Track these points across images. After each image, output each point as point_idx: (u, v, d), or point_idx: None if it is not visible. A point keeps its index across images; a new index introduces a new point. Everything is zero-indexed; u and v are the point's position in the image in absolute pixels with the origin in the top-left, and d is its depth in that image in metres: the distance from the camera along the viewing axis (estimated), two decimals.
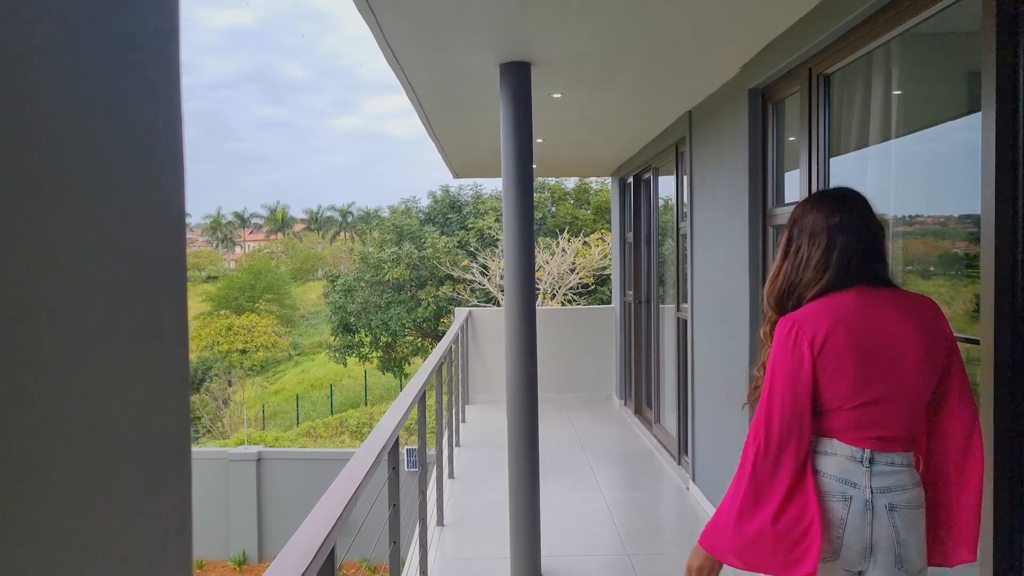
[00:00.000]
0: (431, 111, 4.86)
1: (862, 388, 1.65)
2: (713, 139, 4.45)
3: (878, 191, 2.92)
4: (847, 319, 1.66)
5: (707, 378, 4.72)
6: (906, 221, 2.84)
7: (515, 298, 3.71)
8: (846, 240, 1.71)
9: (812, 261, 1.73)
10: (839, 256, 1.71)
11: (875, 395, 1.65)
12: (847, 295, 1.70)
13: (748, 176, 3.81)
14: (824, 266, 1.72)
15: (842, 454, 1.66)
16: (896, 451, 1.66)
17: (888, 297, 1.71)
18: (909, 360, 1.66)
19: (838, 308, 1.68)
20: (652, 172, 6.58)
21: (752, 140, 3.80)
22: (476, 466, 5.98)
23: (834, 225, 1.73)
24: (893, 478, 1.65)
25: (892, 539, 1.63)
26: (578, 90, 4.36)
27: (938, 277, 2.75)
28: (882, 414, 1.65)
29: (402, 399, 2.98)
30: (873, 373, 1.65)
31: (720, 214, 4.35)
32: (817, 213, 1.76)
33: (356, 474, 1.97)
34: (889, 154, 2.84)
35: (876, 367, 1.65)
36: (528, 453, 3.77)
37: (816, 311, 1.68)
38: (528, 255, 3.74)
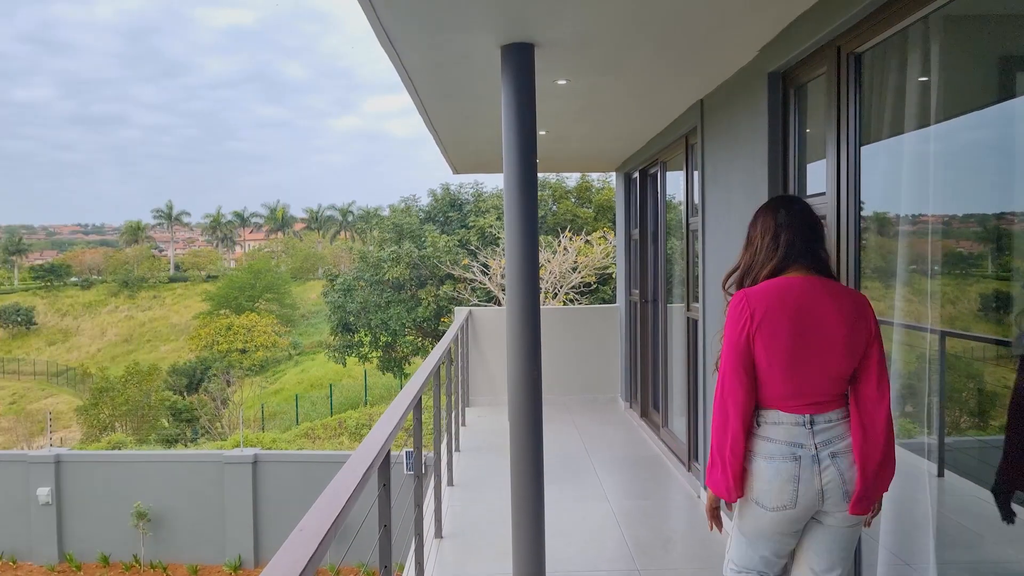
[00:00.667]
0: (428, 100, 4.61)
1: (795, 361, 2.06)
2: (727, 129, 4.20)
3: (914, 183, 2.67)
4: (789, 301, 2.08)
5: None
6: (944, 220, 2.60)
7: (518, 297, 3.47)
8: (790, 230, 2.17)
9: (764, 247, 2.20)
10: (784, 240, 2.16)
11: (806, 369, 2.06)
12: (794, 281, 2.12)
13: (767, 167, 3.56)
14: (773, 249, 2.18)
15: (788, 422, 2.08)
16: (831, 410, 2.09)
17: (824, 287, 2.12)
18: (835, 344, 2.06)
19: (783, 291, 2.10)
20: (659, 166, 6.34)
21: (772, 128, 3.55)
22: (476, 472, 5.73)
23: (780, 220, 2.19)
24: (832, 432, 2.08)
25: (838, 480, 2.06)
26: (583, 76, 4.11)
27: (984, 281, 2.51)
28: (813, 385, 2.07)
29: (396, 406, 2.73)
30: (805, 351, 2.06)
31: (735, 208, 4.10)
32: (768, 214, 2.25)
33: (337, 498, 1.72)
34: (928, 142, 2.59)
35: (808, 346, 2.06)
36: (532, 460, 3.53)
37: (764, 289, 2.12)
38: (531, 252, 3.50)
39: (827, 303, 2.08)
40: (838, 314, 2.07)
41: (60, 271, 59.57)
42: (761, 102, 3.62)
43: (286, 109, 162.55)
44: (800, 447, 2.05)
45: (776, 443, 2.07)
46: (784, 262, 2.15)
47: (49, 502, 11.84)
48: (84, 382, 34.69)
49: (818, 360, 2.06)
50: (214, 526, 11.71)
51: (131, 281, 56.13)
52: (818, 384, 2.07)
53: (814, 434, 2.06)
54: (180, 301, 54.41)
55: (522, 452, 3.51)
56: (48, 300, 56.12)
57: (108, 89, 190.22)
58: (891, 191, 2.83)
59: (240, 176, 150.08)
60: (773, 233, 2.18)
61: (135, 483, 11.80)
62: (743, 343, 2.08)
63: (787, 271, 2.14)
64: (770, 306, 2.07)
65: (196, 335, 36.72)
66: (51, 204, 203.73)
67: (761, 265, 2.18)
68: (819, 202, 3.15)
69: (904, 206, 2.81)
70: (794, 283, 2.11)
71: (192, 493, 11.71)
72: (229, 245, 73.12)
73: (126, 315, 54.18)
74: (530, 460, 3.51)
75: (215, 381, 26.16)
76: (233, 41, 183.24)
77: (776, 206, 2.25)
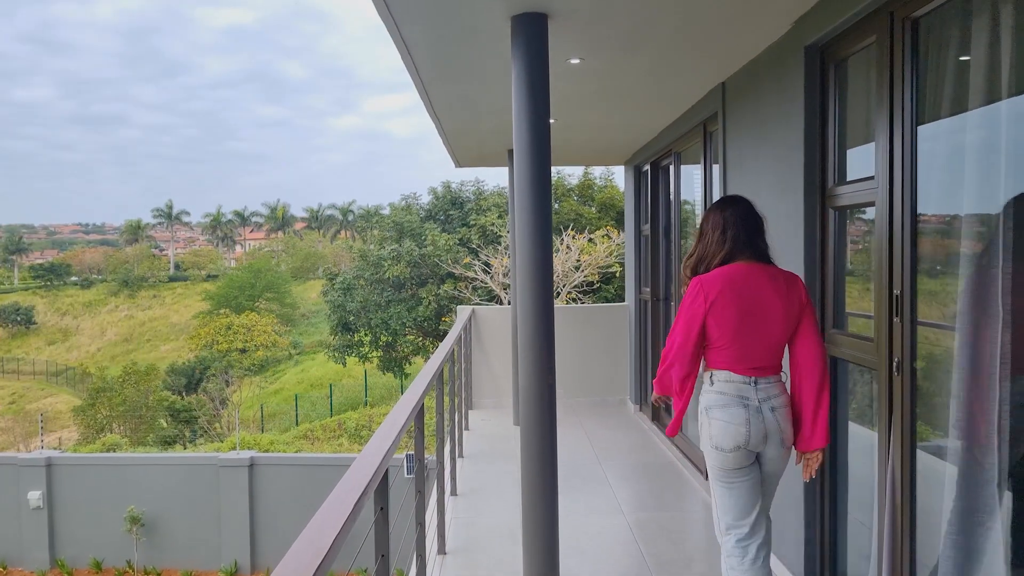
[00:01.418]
0: (430, 82, 4.30)
1: (742, 333, 2.54)
2: (754, 112, 3.87)
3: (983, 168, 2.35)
4: (735, 284, 2.55)
5: None
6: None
7: (530, 296, 3.15)
8: (735, 226, 2.62)
9: (715, 240, 2.64)
10: (731, 235, 2.61)
11: (751, 339, 2.54)
12: (738, 267, 2.58)
13: (803, 151, 3.24)
14: (722, 243, 2.62)
15: (737, 380, 2.57)
16: (768, 375, 2.58)
17: (764, 271, 2.60)
18: (773, 316, 2.55)
19: (731, 276, 2.56)
20: (673, 157, 6.01)
21: (808, 108, 3.22)
22: (481, 480, 5.42)
23: (728, 217, 2.64)
24: (770, 390, 2.57)
25: (777, 428, 2.56)
26: (599, 55, 3.79)
27: None
28: (756, 352, 2.56)
29: (394, 417, 2.41)
30: (749, 323, 2.53)
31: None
32: (718, 212, 2.69)
33: (324, 534, 1.40)
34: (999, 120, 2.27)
35: (752, 319, 2.54)
36: (545, 475, 3.21)
37: (716, 275, 2.57)
38: (544, 247, 3.17)
39: (767, 284, 2.58)
40: (775, 292, 2.58)
41: (60, 270, 59.31)
42: (795, 80, 3.30)
43: (286, 109, 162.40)
44: (747, 399, 2.56)
45: (728, 396, 2.57)
46: (731, 253, 2.61)
47: (40, 506, 11.53)
48: (84, 382, 34.40)
49: (761, 331, 2.56)
50: (209, 531, 11.39)
51: (131, 280, 55.85)
52: (761, 352, 2.57)
53: (757, 391, 2.57)
54: (180, 300, 54.13)
55: (535, 465, 3.20)
56: (48, 299, 55.85)
57: (108, 89, 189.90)
58: (952, 176, 2.51)
59: (240, 176, 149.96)
60: (722, 228, 2.64)
61: (128, 487, 11.48)
62: (698, 321, 2.56)
63: (734, 260, 2.61)
64: (721, 289, 2.54)
65: (196, 335, 36.41)
66: (51, 204, 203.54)
67: (713, 255, 2.64)
68: (866, 188, 2.83)
69: (967, 193, 2.48)
70: (740, 269, 2.59)
71: (187, 497, 11.39)
72: (229, 244, 72.81)
73: (126, 314, 53.90)
74: (543, 474, 3.19)
75: (214, 381, 25.84)
76: (233, 41, 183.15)
77: (724, 206, 2.70)
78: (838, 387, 3.22)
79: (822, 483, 3.28)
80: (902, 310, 2.59)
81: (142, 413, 22.77)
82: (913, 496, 2.59)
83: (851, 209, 3.09)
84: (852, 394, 3.19)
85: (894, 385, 2.65)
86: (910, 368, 2.58)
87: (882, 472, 2.72)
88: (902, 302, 2.59)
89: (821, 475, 3.27)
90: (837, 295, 3.19)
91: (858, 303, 3.17)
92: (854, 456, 3.18)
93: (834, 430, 3.24)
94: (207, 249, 70.59)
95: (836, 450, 3.23)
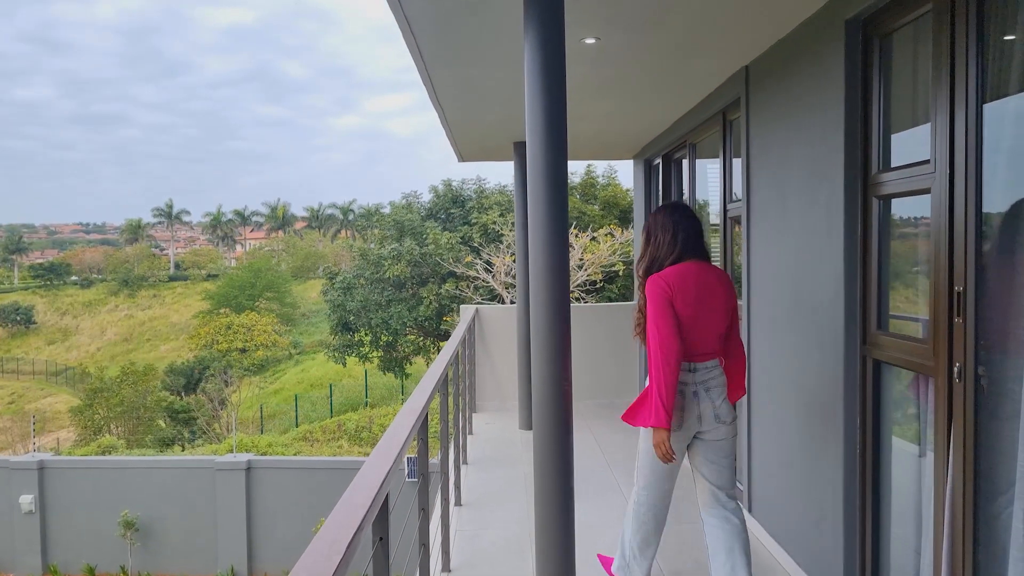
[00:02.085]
0: (434, 66, 4.02)
1: (694, 326, 2.85)
2: (783, 96, 3.59)
3: None
4: (690, 282, 2.87)
5: (771, 389, 3.87)
6: None
7: (545, 297, 2.87)
8: (684, 230, 2.95)
9: (666, 242, 2.95)
10: (682, 238, 2.94)
11: (701, 330, 2.88)
12: (688, 265, 2.90)
13: (843, 136, 2.96)
14: (673, 245, 2.94)
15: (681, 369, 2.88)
16: (709, 360, 2.92)
17: (710, 269, 2.95)
18: (719, 309, 2.92)
19: (685, 274, 2.88)
20: (688, 149, 5.73)
21: (849, 89, 2.94)
22: (487, 488, 5.14)
23: (678, 220, 2.96)
24: (708, 374, 2.91)
25: (711, 407, 2.90)
26: (617, 34, 3.51)
27: None
28: (703, 341, 2.89)
29: (395, 433, 2.13)
30: (701, 316, 2.87)
31: (794, 189, 3.50)
32: (668, 215, 3.00)
33: None
34: None
35: (703, 312, 2.87)
36: (560, 489, 2.93)
37: (672, 272, 2.88)
38: (560, 243, 2.89)
39: (713, 281, 2.91)
40: (720, 288, 2.92)
41: (60, 270, 59.09)
42: (834, 58, 3.02)
43: (286, 108, 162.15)
44: (685, 385, 2.87)
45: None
46: (682, 254, 2.92)
47: (32, 510, 11.26)
48: (83, 381, 34.14)
49: (710, 323, 2.89)
50: (205, 536, 11.13)
51: (131, 280, 55.63)
52: (706, 340, 2.89)
53: (695, 376, 2.88)
54: (180, 300, 53.89)
55: (549, 478, 2.92)
56: (48, 299, 55.62)
57: (108, 89, 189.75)
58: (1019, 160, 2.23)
59: (241, 175, 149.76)
60: (672, 232, 2.94)
61: (123, 490, 11.22)
62: (672, 309, 2.81)
63: (683, 260, 2.91)
64: (680, 286, 2.84)
65: (196, 334, 36.14)
66: (52, 204, 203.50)
67: (664, 256, 2.93)
68: (919, 173, 2.55)
69: None
70: (691, 268, 2.90)
71: (182, 501, 11.13)
72: (230, 244, 72.57)
73: (126, 314, 53.65)
74: (558, 489, 2.91)
75: (213, 381, 25.57)
76: (233, 40, 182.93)
77: (673, 210, 3.00)
78: (881, 394, 2.94)
79: (863, 499, 3.00)
80: (964, 309, 2.31)
81: (140, 414, 22.51)
82: (976, 519, 2.31)
83: (899, 197, 2.81)
84: (898, 403, 2.91)
85: (954, 393, 2.37)
86: (974, 374, 2.30)
87: (939, 492, 2.44)
88: (964, 300, 2.31)
89: (862, 490, 3.00)
90: (881, 292, 2.91)
91: (905, 302, 2.89)
92: (899, 471, 2.91)
93: (876, 441, 2.96)
94: (207, 248, 70.37)
95: (879, 463, 2.95)
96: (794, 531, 3.60)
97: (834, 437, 3.08)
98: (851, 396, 2.98)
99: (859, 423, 2.97)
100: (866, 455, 2.97)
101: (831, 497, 3.12)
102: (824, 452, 3.19)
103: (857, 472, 2.99)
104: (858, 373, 2.96)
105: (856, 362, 2.97)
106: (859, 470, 2.99)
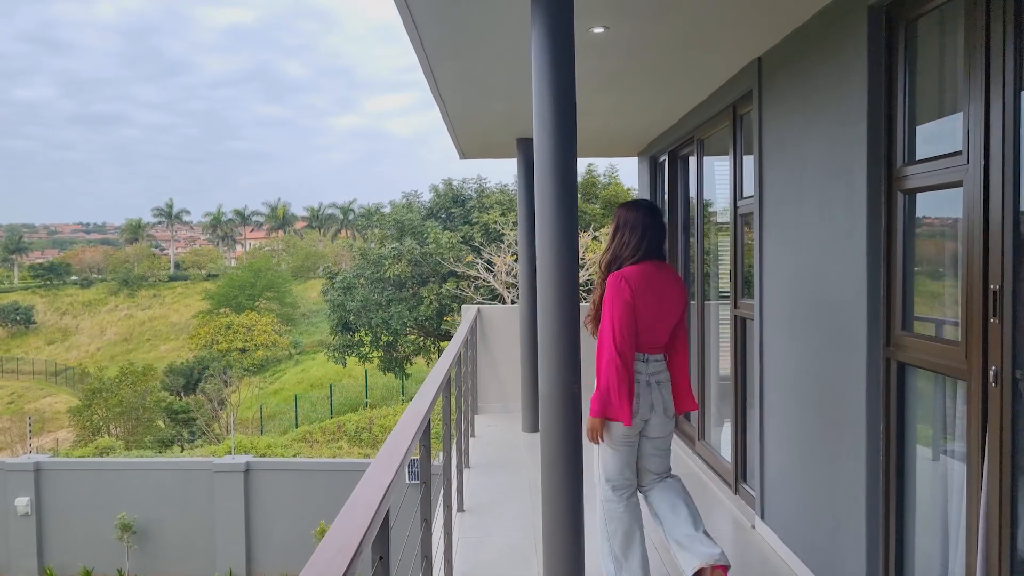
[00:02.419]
0: (436, 57, 3.88)
1: (654, 322, 2.99)
2: (800, 87, 3.46)
3: None
4: (652, 281, 2.99)
5: (785, 392, 3.74)
6: None
7: (552, 294, 2.74)
8: (650, 230, 3.04)
9: (632, 243, 3.02)
10: (647, 243, 3.03)
11: (658, 326, 3.01)
12: (647, 266, 3.01)
13: (866, 128, 2.82)
14: (638, 248, 3.02)
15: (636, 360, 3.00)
16: (658, 353, 3.06)
17: (667, 269, 3.09)
18: (673, 307, 3.06)
19: (645, 273, 2.99)
20: (695, 145, 5.59)
21: (872, 78, 2.80)
22: (490, 494, 5.00)
23: (646, 222, 3.05)
24: (657, 367, 3.05)
25: (662, 399, 3.05)
26: (626, 21, 3.38)
27: None
28: (657, 336, 3.03)
29: (394, 444, 1.99)
30: (659, 314, 3.01)
31: (811, 184, 3.37)
32: (636, 213, 3.07)
33: None
34: None
35: (661, 311, 3.01)
36: (569, 496, 2.80)
37: (633, 271, 2.97)
38: (569, 240, 2.77)
39: (670, 281, 3.04)
40: (675, 288, 3.05)
41: (59, 270, 58.97)
42: (856, 47, 2.88)
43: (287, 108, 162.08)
44: (639, 374, 2.98)
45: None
46: (645, 255, 3.00)
47: (28, 513, 11.13)
48: (83, 381, 34.01)
49: (666, 320, 3.02)
50: (204, 538, 11.00)
51: (131, 280, 55.49)
52: (659, 336, 3.02)
53: (648, 367, 3.00)
54: (180, 300, 53.74)
55: (558, 485, 2.79)
56: (47, 299, 55.47)
57: (108, 89, 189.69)
58: None
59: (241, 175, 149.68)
60: (640, 233, 3.01)
61: (120, 492, 11.09)
62: (630, 307, 2.89)
63: (643, 260, 2.99)
64: (641, 286, 2.93)
65: (195, 334, 35.99)
66: (53, 203, 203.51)
67: (628, 256, 3.00)
68: (950, 166, 2.41)
69: None
70: (651, 268, 2.99)
71: (180, 503, 11.00)
72: (230, 244, 72.42)
73: (126, 314, 53.51)
74: (567, 495, 2.78)
75: (212, 382, 25.43)
76: (233, 40, 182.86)
77: (644, 213, 3.05)
78: (905, 398, 2.81)
79: (886, 507, 2.86)
80: (1001, 308, 2.18)
81: (139, 414, 22.38)
82: (1014, 530, 2.18)
83: (927, 191, 2.67)
84: (924, 407, 2.78)
85: (989, 398, 2.23)
86: (1011, 378, 2.16)
87: (972, 501, 2.31)
88: (1001, 299, 2.18)
89: (885, 497, 2.86)
90: (906, 292, 2.77)
91: (931, 301, 2.76)
92: (925, 478, 2.77)
93: (900, 447, 2.83)
94: (207, 248, 70.24)
95: (903, 470, 2.81)
96: (810, 539, 3.47)
97: (855, 442, 2.95)
98: (873, 399, 2.84)
99: (882, 428, 2.84)
100: (889, 461, 2.83)
101: (852, 505, 2.99)
102: (844, 457, 3.05)
103: (880, 478, 2.85)
104: (881, 376, 2.83)
105: (879, 364, 2.83)
106: (882, 476, 2.86)
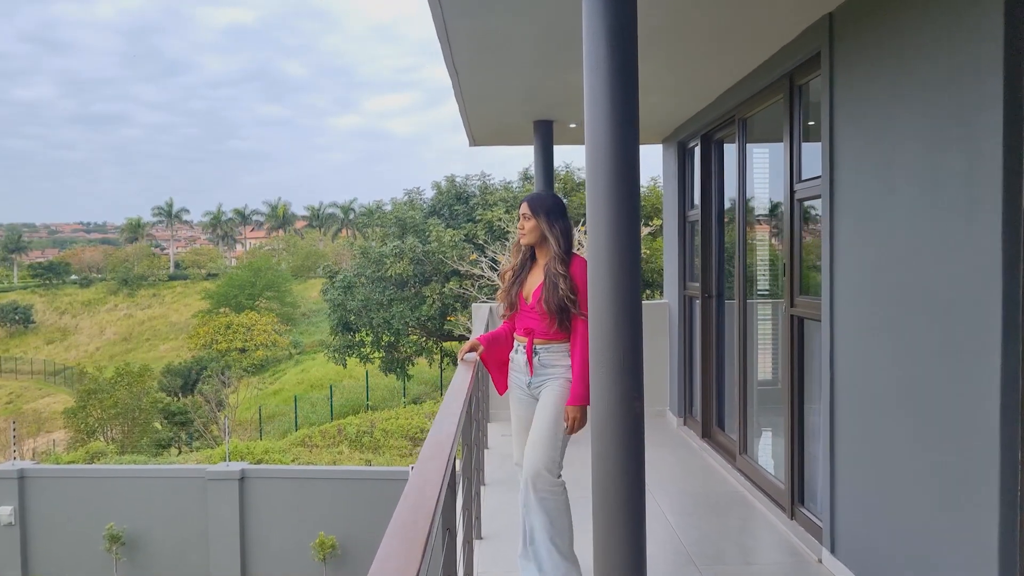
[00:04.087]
0: (452, 13, 3.32)
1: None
2: (893, 39, 2.89)
3: None
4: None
5: (869, 403, 3.17)
6: None
7: (609, 297, 2.24)
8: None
9: (567, 234, 3.27)
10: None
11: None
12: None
13: (1002, 79, 2.25)
14: (570, 239, 3.30)
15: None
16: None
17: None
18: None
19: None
20: (737, 125, 5.02)
21: (1010, 23, 2.24)
22: (508, 518, 4.43)
23: (567, 224, 3.31)
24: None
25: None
26: None
27: None
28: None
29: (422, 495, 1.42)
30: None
31: (905, 157, 2.80)
32: (561, 202, 3.35)
33: None
34: None
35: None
36: (630, 541, 2.25)
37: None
38: (631, 233, 2.28)
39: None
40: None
41: (59, 269, 58.54)
42: None
43: (287, 107, 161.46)
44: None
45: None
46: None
47: (12, 522, 10.56)
48: (82, 381, 33.51)
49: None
50: (196, 550, 10.43)
51: (131, 279, 55.05)
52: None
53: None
54: (180, 299, 53.26)
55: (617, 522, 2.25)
56: (47, 298, 55.02)
57: (109, 88, 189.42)
58: None
59: (241, 174, 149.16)
60: (568, 228, 3.27)
61: (108, 501, 10.52)
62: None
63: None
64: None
65: (195, 334, 35.47)
66: (53, 203, 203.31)
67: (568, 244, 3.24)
68: None
69: None
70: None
71: (172, 512, 10.43)
72: (230, 243, 71.95)
73: (125, 314, 53.04)
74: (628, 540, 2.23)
75: (210, 382, 24.88)
76: (233, 40, 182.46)
77: (565, 212, 3.31)
78: None
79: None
80: None
81: (135, 416, 21.81)
82: None
83: None
84: None
85: None
86: None
87: None
88: None
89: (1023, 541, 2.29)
90: None
91: None
92: None
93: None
94: (207, 248, 69.79)
95: None
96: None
97: (982, 472, 2.38)
98: (1011, 420, 2.27)
99: (1022, 457, 2.27)
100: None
101: (973, 547, 2.42)
102: (964, 490, 2.48)
103: (1019, 520, 2.28)
104: (1021, 391, 2.26)
105: (1019, 376, 2.26)
106: (1020, 514, 2.29)
